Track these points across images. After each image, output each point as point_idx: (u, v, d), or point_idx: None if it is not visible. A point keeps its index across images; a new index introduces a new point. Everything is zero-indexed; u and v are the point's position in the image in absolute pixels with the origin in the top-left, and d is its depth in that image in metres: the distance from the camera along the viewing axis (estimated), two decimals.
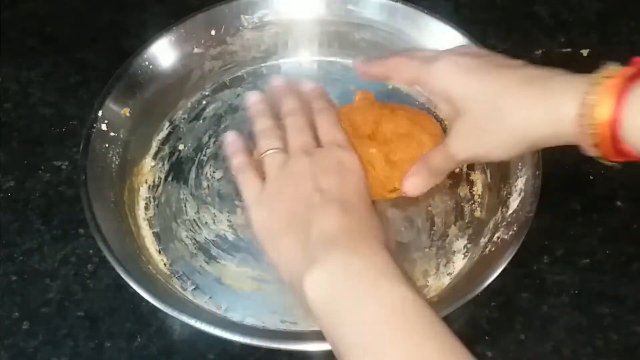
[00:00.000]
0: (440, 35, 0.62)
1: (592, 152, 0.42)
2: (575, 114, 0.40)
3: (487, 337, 0.52)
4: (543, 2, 0.74)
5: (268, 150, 0.49)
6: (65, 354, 0.52)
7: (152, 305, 0.47)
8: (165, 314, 0.46)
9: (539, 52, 0.70)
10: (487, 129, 0.45)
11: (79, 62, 0.69)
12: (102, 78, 0.59)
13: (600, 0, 0.74)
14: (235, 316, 0.51)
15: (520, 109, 0.43)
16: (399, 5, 0.64)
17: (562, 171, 0.52)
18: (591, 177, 0.60)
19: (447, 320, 0.39)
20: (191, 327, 0.45)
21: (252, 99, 0.54)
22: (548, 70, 0.44)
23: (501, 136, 0.45)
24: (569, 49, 0.70)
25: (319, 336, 0.45)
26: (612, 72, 0.40)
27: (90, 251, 0.56)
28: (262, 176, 0.48)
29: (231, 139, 0.52)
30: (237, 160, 0.50)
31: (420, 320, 0.37)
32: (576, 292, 0.54)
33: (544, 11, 0.74)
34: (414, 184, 0.50)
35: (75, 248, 0.57)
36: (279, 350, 0.50)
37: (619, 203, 0.59)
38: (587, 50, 0.70)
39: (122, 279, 0.47)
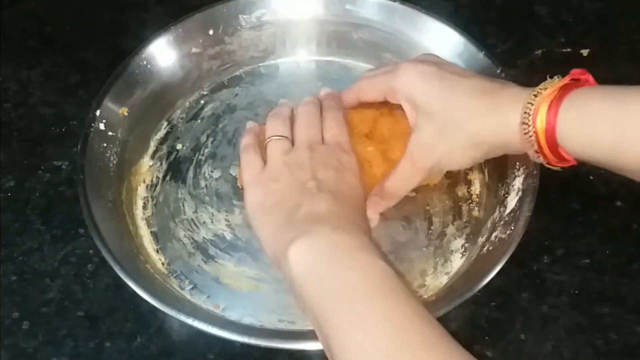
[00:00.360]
0: (439, 35, 0.62)
1: (536, 159, 0.46)
2: (519, 122, 0.44)
3: (487, 337, 0.52)
4: (543, 2, 0.74)
5: (273, 136, 0.52)
6: (65, 354, 0.52)
7: (152, 305, 0.47)
8: (165, 313, 0.47)
9: (539, 52, 0.70)
10: (446, 135, 0.48)
11: (79, 62, 0.69)
12: (102, 78, 0.59)
13: (600, 0, 0.74)
14: (233, 315, 0.51)
15: (476, 117, 0.47)
16: (397, 5, 0.64)
17: (562, 171, 0.52)
18: (591, 177, 0.60)
19: (446, 319, 0.39)
20: (191, 327, 0.46)
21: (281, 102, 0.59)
22: (500, 82, 0.49)
23: (459, 141, 0.48)
24: (569, 49, 0.70)
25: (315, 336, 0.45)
26: (551, 84, 0.44)
27: (90, 251, 0.56)
28: (265, 160, 0.51)
29: (250, 126, 0.56)
30: (245, 141, 0.54)
31: (397, 290, 0.39)
32: (576, 292, 0.54)
33: (544, 11, 0.74)
34: (376, 205, 0.52)
35: (75, 248, 0.57)
36: (278, 350, 0.50)
37: (619, 203, 0.59)
38: (587, 50, 0.70)
39: (122, 278, 0.47)
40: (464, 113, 0.47)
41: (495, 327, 0.53)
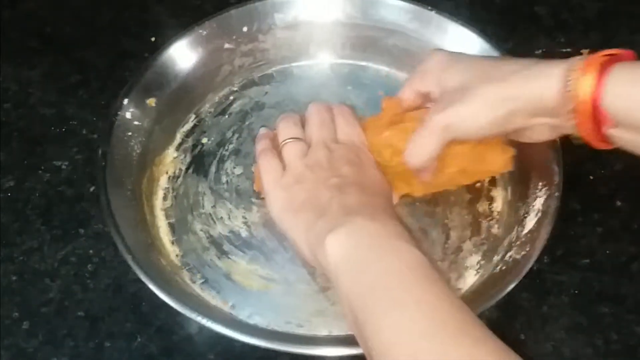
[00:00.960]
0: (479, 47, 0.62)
1: (566, 122, 0.44)
2: (559, 81, 0.43)
3: None
4: (543, 2, 0.74)
5: (288, 138, 0.52)
6: (65, 354, 0.51)
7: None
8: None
9: (539, 52, 0.70)
10: (468, 92, 0.46)
11: (79, 62, 0.69)
12: (102, 78, 0.59)
13: (600, 0, 0.74)
14: (241, 314, 0.51)
15: (508, 72, 0.45)
16: (432, 14, 0.63)
17: (562, 171, 0.52)
18: (591, 177, 0.60)
19: None
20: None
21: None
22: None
23: (483, 95, 0.46)
24: (569, 49, 0.70)
25: (325, 342, 0.46)
26: (597, 53, 0.43)
27: (91, 251, 0.56)
28: (284, 163, 0.51)
29: (262, 132, 0.56)
30: (261, 146, 0.54)
31: (434, 277, 0.40)
32: (576, 292, 0.54)
33: (544, 11, 0.74)
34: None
35: (75, 248, 0.57)
36: (279, 351, 0.50)
37: (619, 203, 0.59)
38: (587, 50, 0.69)
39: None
40: (493, 70, 0.46)
41: (495, 327, 0.52)
